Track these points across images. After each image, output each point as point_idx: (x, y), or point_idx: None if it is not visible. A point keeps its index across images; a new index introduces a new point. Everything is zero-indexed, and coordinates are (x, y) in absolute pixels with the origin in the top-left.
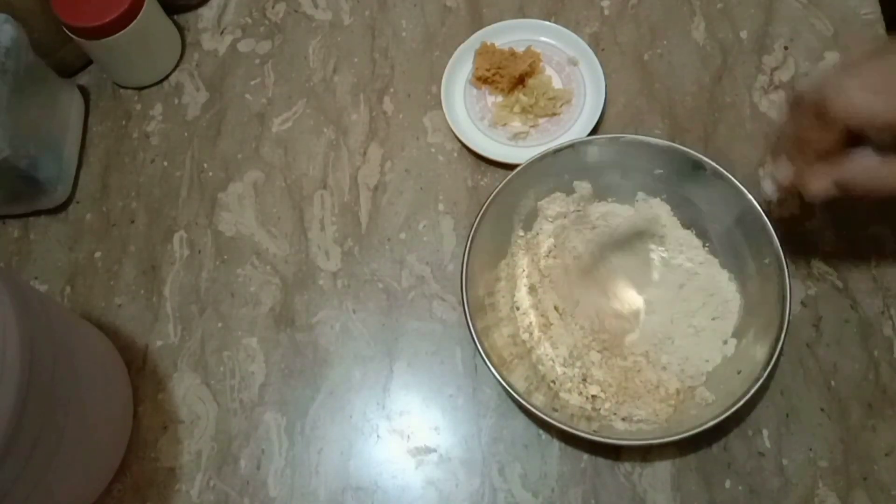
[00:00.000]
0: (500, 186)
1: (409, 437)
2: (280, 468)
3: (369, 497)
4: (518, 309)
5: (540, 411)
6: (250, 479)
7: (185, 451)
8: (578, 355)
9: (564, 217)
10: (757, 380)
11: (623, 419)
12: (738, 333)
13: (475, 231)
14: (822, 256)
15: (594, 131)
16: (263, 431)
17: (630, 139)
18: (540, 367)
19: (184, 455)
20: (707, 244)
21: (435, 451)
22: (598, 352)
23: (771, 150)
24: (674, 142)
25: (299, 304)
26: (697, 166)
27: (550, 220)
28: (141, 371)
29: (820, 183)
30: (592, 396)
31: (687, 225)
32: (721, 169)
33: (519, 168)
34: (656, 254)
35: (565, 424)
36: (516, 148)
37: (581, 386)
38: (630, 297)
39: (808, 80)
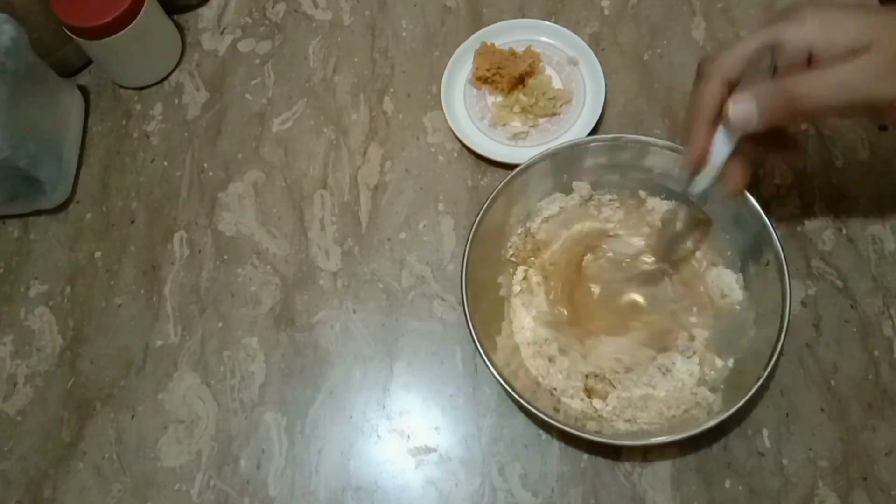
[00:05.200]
0: (500, 186)
1: (409, 436)
2: (280, 468)
3: (369, 497)
4: None
5: (540, 411)
6: (250, 479)
7: (185, 451)
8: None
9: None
10: (757, 380)
11: (624, 420)
12: (738, 334)
13: (475, 231)
14: (822, 256)
15: (594, 131)
16: (263, 431)
17: (630, 139)
18: None
19: (184, 455)
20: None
21: (435, 450)
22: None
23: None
24: (674, 142)
25: (299, 304)
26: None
27: (550, 220)
28: (141, 371)
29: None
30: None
31: None
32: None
33: (519, 168)
34: None
35: (565, 424)
36: (516, 148)
37: (582, 391)
38: (630, 298)
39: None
